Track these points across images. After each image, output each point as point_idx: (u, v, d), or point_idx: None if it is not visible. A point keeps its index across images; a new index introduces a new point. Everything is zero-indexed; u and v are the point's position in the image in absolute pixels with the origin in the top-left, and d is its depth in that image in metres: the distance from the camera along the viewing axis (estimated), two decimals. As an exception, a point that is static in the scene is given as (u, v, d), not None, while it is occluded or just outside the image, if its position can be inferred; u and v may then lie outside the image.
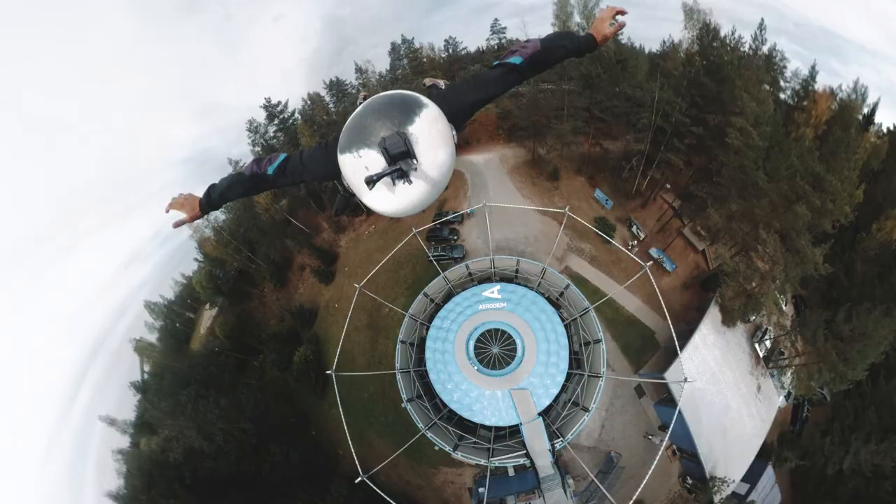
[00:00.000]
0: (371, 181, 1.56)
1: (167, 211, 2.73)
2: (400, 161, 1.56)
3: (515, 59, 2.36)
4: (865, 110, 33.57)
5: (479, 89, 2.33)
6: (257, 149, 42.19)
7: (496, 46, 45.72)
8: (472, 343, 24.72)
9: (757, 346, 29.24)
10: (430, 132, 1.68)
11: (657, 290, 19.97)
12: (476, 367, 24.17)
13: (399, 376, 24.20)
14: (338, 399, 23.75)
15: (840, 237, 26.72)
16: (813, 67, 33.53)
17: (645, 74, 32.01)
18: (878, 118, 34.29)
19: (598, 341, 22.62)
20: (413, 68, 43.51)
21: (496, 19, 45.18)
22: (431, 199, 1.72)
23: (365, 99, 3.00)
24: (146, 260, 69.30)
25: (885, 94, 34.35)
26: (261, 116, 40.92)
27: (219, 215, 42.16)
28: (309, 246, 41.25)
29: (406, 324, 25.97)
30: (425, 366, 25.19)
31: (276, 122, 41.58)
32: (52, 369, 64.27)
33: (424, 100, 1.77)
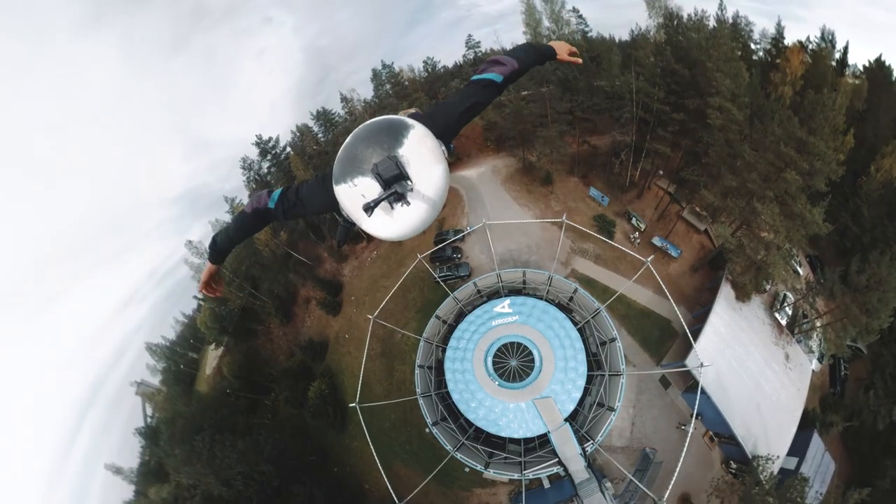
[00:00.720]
0: (369, 208, 1.62)
1: (201, 293, 3.19)
2: (394, 184, 1.62)
3: (496, 77, 2.53)
4: (837, 55, 35.04)
5: (462, 103, 2.45)
6: (252, 185, 43.68)
7: (472, 59, 47.78)
8: (489, 359, 25.61)
9: (777, 315, 29.70)
10: (421, 152, 1.75)
11: (660, 280, 20.74)
12: (497, 383, 24.94)
13: (421, 401, 24.82)
14: (365, 430, 24.19)
15: (840, 187, 27.11)
16: (779, 23, 35.68)
17: (619, 67, 33.44)
18: (851, 58, 35.67)
19: (613, 340, 23.33)
20: (396, 92, 45.48)
21: (470, 35, 47.43)
22: (432, 218, 1.78)
23: None
24: (143, 300, 70.43)
25: (855, 29, 35.65)
26: (253, 153, 42.73)
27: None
28: (312, 278, 42.13)
29: (422, 348, 26.73)
30: (446, 387, 25.99)
31: (269, 157, 43.22)
32: (48, 414, 64.01)
33: (409, 121, 1.85)
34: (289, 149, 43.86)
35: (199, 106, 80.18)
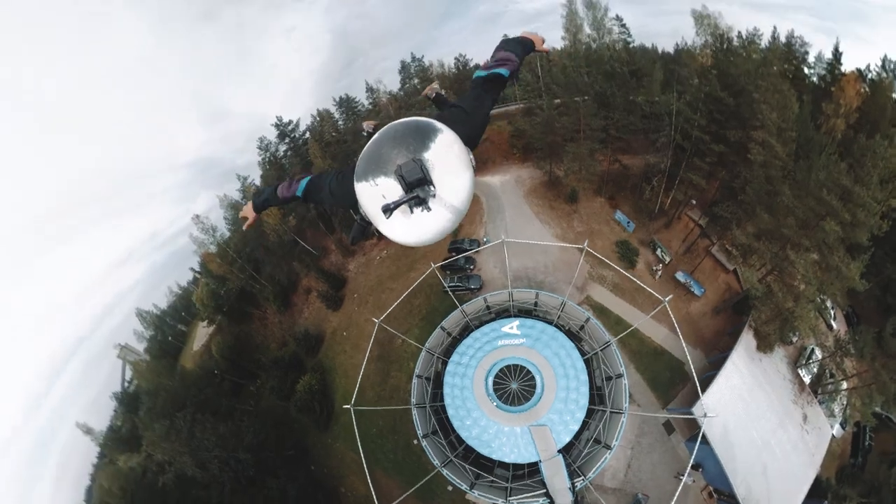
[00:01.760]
0: (388, 209, 1.62)
1: (244, 227, 3.70)
2: (417, 188, 1.64)
3: (504, 72, 2.65)
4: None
5: (484, 105, 2.53)
6: (266, 166, 44.82)
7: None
8: (491, 379, 26.02)
9: (801, 371, 29.21)
10: (448, 157, 1.77)
11: (675, 322, 20.73)
12: (495, 403, 25.33)
13: (415, 411, 25.25)
14: (356, 433, 24.71)
15: (887, 237, 26.35)
16: (836, 47, 34.11)
17: (660, 85, 33.29)
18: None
19: (619, 376, 23.42)
20: (424, 87, 45.98)
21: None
22: (451, 228, 1.79)
23: (374, 128, 3.30)
24: (140, 261, 72.63)
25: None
26: (271, 133, 43.79)
27: (224, 232, 44.54)
28: (316, 269, 42.90)
29: (423, 358, 27.19)
30: (441, 401, 26.40)
31: (288, 140, 44.24)
32: (27, 360, 65.96)
33: (439, 125, 1.87)
34: (308, 134, 44.82)
35: (221, 76, 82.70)
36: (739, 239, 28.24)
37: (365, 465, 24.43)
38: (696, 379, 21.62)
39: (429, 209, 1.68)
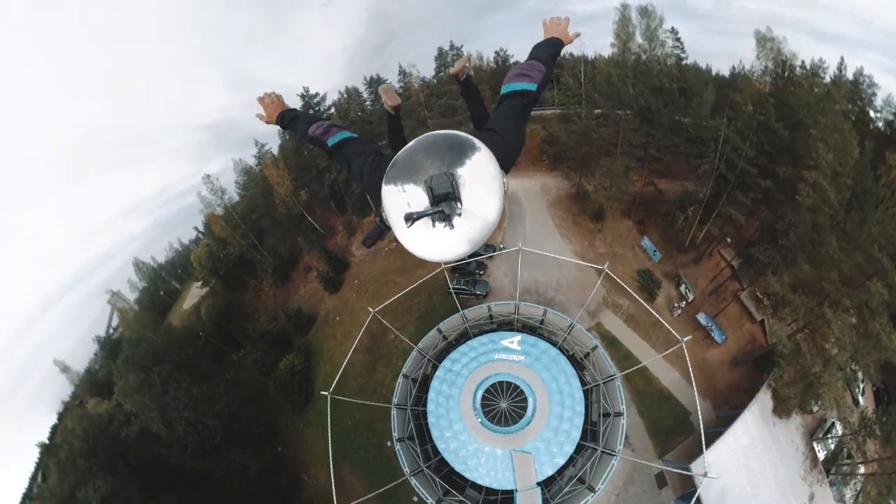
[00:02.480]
0: (410, 218, 1.67)
1: (260, 100, 3.53)
2: (443, 203, 1.67)
3: (530, 86, 2.56)
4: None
5: (517, 127, 2.50)
6: (285, 135, 44.56)
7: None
8: (480, 392, 25.08)
9: (816, 445, 27.47)
10: (481, 177, 1.79)
11: (691, 368, 19.50)
12: (479, 420, 24.40)
13: (395, 412, 24.46)
14: (329, 425, 24.07)
15: None
16: None
17: (710, 108, 31.84)
18: None
19: (619, 414, 22.16)
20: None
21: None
22: (470, 250, 1.80)
23: (394, 108, 3.84)
24: (145, 215, 72.91)
25: None
26: (297, 103, 43.56)
27: (233, 195, 44.72)
28: (320, 248, 42.67)
29: (413, 357, 26.40)
30: (425, 406, 25.48)
31: (311, 112, 44.04)
32: (21, 290, 67.08)
33: (477, 142, 1.89)
34: (333, 110, 44.47)
35: (253, 41, 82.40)
36: (773, 287, 26.66)
37: (331, 458, 23.72)
38: (703, 432, 20.29)
39: (451, 227, 1.68)
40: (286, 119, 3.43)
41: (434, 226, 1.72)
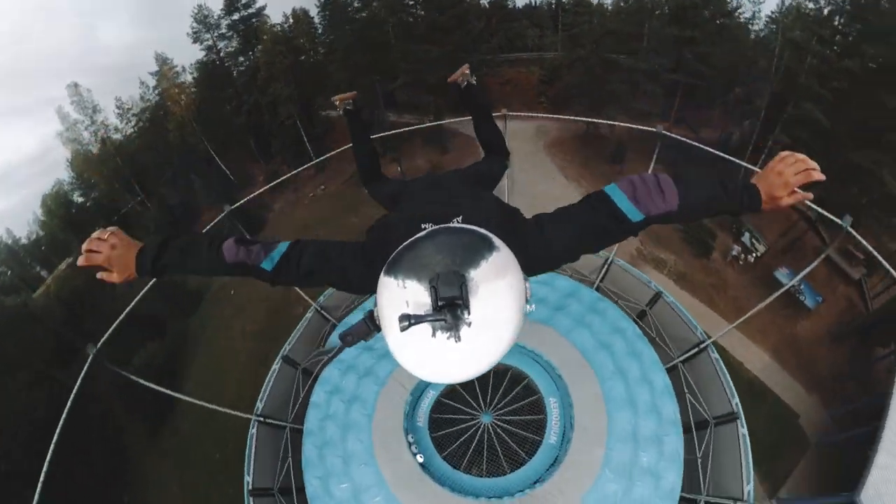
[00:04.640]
0: (407, 319, 1.25)
1: (81, 264, 1.90)
2: (447, 309, 1.26)
3: (634, 215, 1.76)
4: None
5: (586, 248, 1.85)
6: (202, 49, 33.09)
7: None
8: (432, 395, 9.64)
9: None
10: (497, 284, 1.35)
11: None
12: (421, 458, 7.62)
13: (254, 431, 10.08)
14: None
15: None
16: None
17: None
18: None
19: (732, 417, 8.35)
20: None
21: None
22: (474, 374, 1.33)
23: (352, 103, 3.83)
24: (11, 189, 56.47)
25: None
26: (217, 4, 32.49)
27: (118, 124, 32.52)
28: (230, 201, 30.68)
29: (305, 324, 12.08)
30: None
31: (237, 17, 33.14)
32: None
33: (497, 242, 1.45)
34: (268, 19, 33.68)
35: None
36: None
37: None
38: (877, 449, 9.14)
39: (458, 339, 1.26)
40: (161, 263, 1.90)
41: (434, 335, 1.27)
